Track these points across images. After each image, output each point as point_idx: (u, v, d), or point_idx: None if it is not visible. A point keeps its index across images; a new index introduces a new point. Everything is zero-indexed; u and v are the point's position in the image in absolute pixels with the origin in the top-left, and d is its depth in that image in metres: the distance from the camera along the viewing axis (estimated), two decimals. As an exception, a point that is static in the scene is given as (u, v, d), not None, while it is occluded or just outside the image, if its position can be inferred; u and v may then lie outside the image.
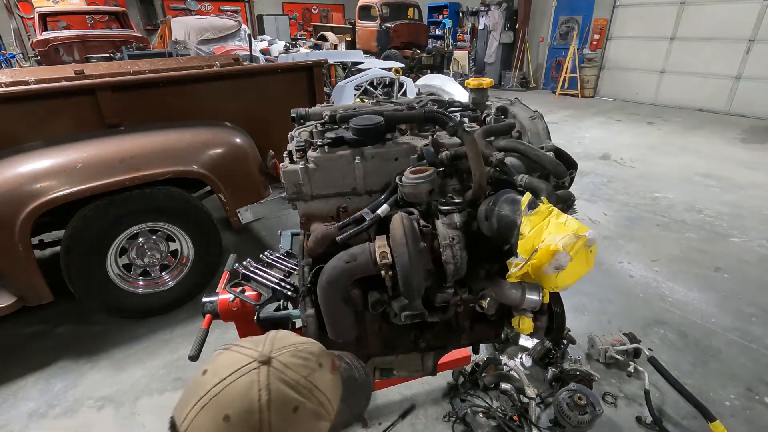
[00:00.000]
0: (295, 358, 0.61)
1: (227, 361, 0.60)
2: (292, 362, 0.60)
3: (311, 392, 0.60)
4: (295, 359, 0.61)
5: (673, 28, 9.15)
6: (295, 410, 0.57)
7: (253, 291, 1.49)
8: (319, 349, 0.67)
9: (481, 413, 1.99)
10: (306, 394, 0.59)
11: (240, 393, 0.56)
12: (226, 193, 2.69)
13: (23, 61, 9.51)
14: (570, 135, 7.08)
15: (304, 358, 0.62)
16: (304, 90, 3.25)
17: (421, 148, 1.21)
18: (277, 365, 0.59)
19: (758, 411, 2.10)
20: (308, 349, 0.65)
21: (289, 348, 0.63)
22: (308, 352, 0.64)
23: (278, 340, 0.64)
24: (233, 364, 0.58)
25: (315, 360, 0.63)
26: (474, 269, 1.12)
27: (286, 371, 0.59)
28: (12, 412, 2.14)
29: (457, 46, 12.84)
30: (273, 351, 0.61)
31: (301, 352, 0.63)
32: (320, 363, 0.64)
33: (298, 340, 0.66)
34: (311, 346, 0.66)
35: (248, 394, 0.56)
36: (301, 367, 0.61)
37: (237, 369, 0.57)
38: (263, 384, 0.56)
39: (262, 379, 0.57)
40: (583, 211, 4.18)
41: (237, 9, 15.12)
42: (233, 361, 0.59)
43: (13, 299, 2.29)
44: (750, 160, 5.70)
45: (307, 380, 0.60)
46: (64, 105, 2.48)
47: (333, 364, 0.68)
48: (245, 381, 0.56)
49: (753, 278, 3.14)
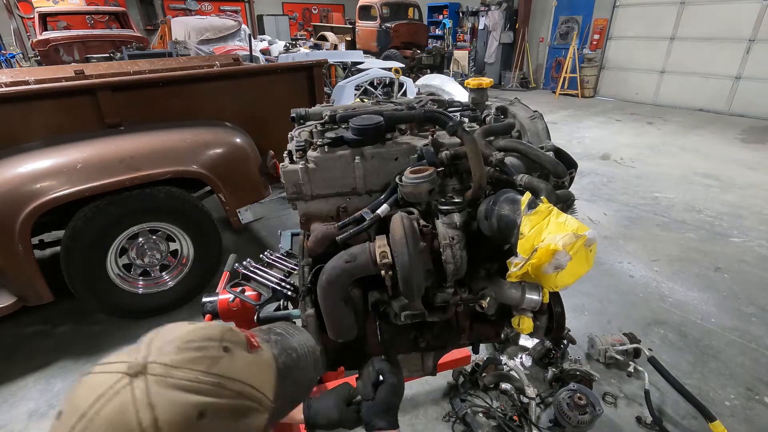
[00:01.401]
0: (185, 353, 0.47)
1: (86, 389, 0.44)
2: (180, 359, 0.46)
3: (220, 386, 0.46)
4: (184, 354, 0.47)
5: (673, 28, 9.15)
6: (201, 417, 0.44)
7: (253, 291, 1.49)
8: (221, 329, 0.53)
9: (481, 413, 1.99)
10: (212, 391, 0.46)
11: (111, 425, 0.40)
12: (226, 193, 2.69)
13: (23, 61, 9.51)
14: (570, 135, 7.08)
15: (197, 348, 0.48)
16: (304, 90, 3.25)
17: (421, 148, 1.21)
18: (158, 370, 0.44)
19: (758, 411, 2.10)
20: (203, 334, 0.50)
21: (172, 343, 0.48)
22: (203, 338, 0.50)
23: (159, 337, 0.50)
24: (94, 390, 0.42)
25: (216, 345, 0.50)
26: (474, 269, 1.12)
27: (172, 373, 0.44)
28: (12, 412, 2.15)
29: (457, 46, 12.85)
30: (150, 353, 0.46)
31: (191, 343, 0.49)
32: (225, 347, 0.50)
33: (188, 329, 0.51)
34: (207, 330, 0.52)
35: (123, 421, 0.40)
36: (194, 361, 0.47)
37: (100, 395, 0.42)
38: (141, 401, 0.41)
39: (138, 395, 0.42)
40: (583, 211, 4.18)
41: (237, 9, 15.13)
42: (94, 385, 0.43)
43: (13, 299, 2.29)
44: (750, 160, 5.70)
45: (210, 374, 0.46)
46: (64, 105, 2.48)
47: (250, 342, 0.55)
48: (114, 407, 0.41)
49: (753, 278, 3.14)
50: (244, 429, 0.48)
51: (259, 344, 0.57)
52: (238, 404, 0.48)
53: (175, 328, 0.52)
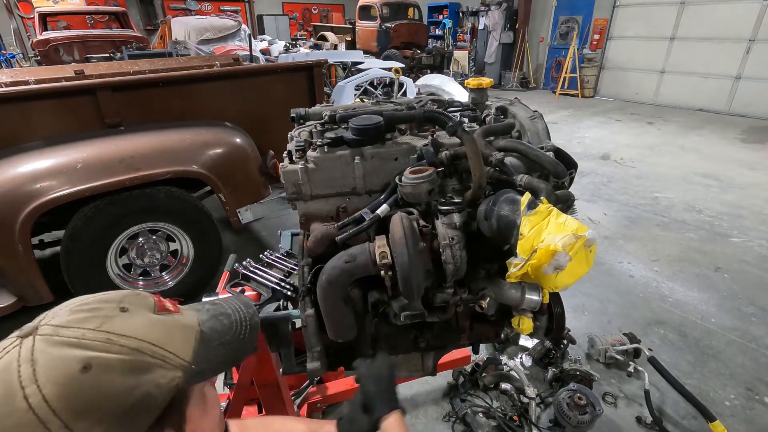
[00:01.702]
0: (76, 314, 0.49)
1: None
2: (70, 319, 0.48)
3: (109, 342, 0.47)
4: (75, 315, 0.48)
5: (673, 28, 9.15)
6: (85, 370, 0.44)
7: (253, 291, 1.49)
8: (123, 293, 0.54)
9: (481, 413, 1.99)
10: (99, 346, 0.46)
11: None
12: (226, 193, 2.69)
13: (23, 61, 9.51)
14: (570, 135, 7.08)
15: (90, 309, 0.49)
16: (304, 90, 3.25)
17: (420, 148, 1.21)
18: (46, 330, 0.46)
19: (758, 411, 2.10)
20: (101, 297, 0.52)
21: (66, 306, 0.50)
22: (99, 300, 0.51)
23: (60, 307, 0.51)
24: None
25: (113, 306, 0.51)
26: (474, 269, 1.12)
27: (59, 332, 0.46)
28: (12, 412, 2.14)
29: (457, 46, 12.85)
30: (44, 319, 0.48)
31: (86, 305, 0.50)
32: (123, 307, 0.51)
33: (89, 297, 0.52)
34: (107, 294, 0.53)
35: (5, 377, 0.43)
36: (84, 321, 0.48)
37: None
38: (24, 357, 0.44)
39: (23, 353, 0.44)
40: (583, 211, 4.18)
41: (237, 9, 15.12)
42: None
43: (13, 299, 2.29)
44: (750, 160, 5.70)
45: (99, 331, 0.47)
46: (64, 105, 2.48)
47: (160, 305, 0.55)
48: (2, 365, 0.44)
49: (753, 278, 3.14)
50: (142, 384, 0.48)
51: (178, 309, 0.58)
52: (131, 359, 0.48)
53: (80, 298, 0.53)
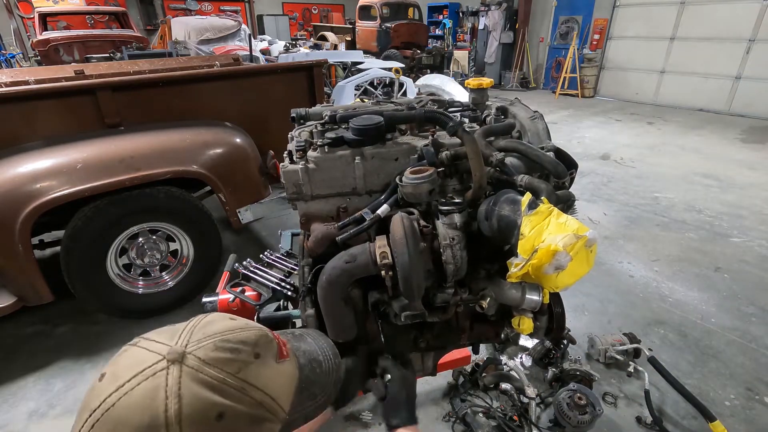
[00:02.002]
0: (219, 352, 0.49)
1: (130, 360, 0.48)
2: (214, 357, 0.48)
3: (243, 392, 0.48)
4: (219, 353, 0.49)
5: (673, 28, 9.15)
6: (220, 418, 0.46)
7: (253, 291, 1.50)
8: (258, 334, 0.55)
9: (481, 413, 1.99)
10: (235, 395, 0.48)
11: (141, 403, 0.44)
12: (226, 193, 2.69)
13: (23, 61, 9.51)
14: (570, 135, 7.08)
15: (231, 350, 0.50)
16: (304, 90, 3.25)
17: (421, 148, 1.21)
18: (193, 363, 0.47)
19: (758, 411, 2.10)
20: (240, 337, 0.53)
21: (211, 338, 0.50)
22: (239, 341, 0.52)
23: (200, 328, 0.52)
24: (136, 365, 0.47)
25: (249, 350, 0.52)
26: (474, 269, 1.12)
27: (204, 369, 0.47)
28: (12, 412, 2.15)
29: (457, 46, 12.85)
30: (190, 344, 0.49)
31: (228, 342, 0.51)
32: (257, 353, 0.52)
33: (229, 326, 0.54)
34: (245, 333, 0.54)
35: (152, 404, 0.44)
36: (226, 362, 0.49)
37: (140, 371, 0.46)
38: (172, 390, 0.45)
39: (171, 383, 0.45)
40: (583, 211, 4.18)
41: (237, 9, 15.12)
42: (137, 360, 0.47)
43: (13, 299, 2.29)
44: (750, 160, 5.70)
45: (237, 378, 0.49)
46: (64, 105, 2.48)
47: (281, 351, 0.57)
48: (148, 387, 0.45)
49: (753, 278, 3.14)
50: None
51: (289, 354, 0.59)
52: (255, 413, 0.50)
53: (216, 320, 0.55)
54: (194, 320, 0.54)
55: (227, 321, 0.55)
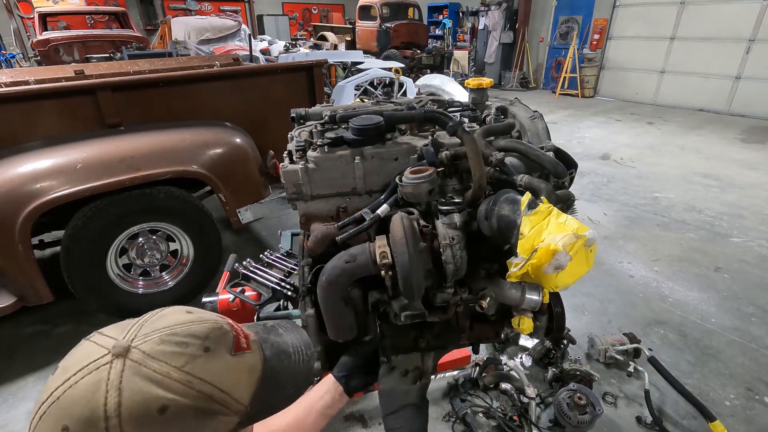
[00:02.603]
0: (165, 345, 0.49)
1: (80, 354, 0.49)
2: (159, 350, 0.49)
3: (189, 385, 0.48)
4: (165, 346, 0.49)
5: (673, 28, 9.15)
6: (162, 411, 0.46)
7: (253, 291, 1.50)
8: (210, 327, 0.54)
9: (481, 413, 1.99)
10: (179, 389, 0.47)
11: (83, 396, 0.45)
12: (226, 193, 2.69)
13: (23, 61, 9.51)
14: (570, 135, 7.08)
15: (178, 343, 0.50)
16: (304, 90, 3.25)
17: (421, 148, 1.21)
18: (137, 356, 0.47)
19: (758, 411, 2.10)
20: (190, 330, 0.52)
21: (159, 332, 0.51)
22: (188, 334, 0.52)
23: (151, 322, 0.53)
24: (84, 359, 0.48)
25: (198, 343, 0.51)
26: (474, 269, 1.12)
27: (147, 363, 0.47)
28: (12, 412, 2.15)
29: (457, 46, 12.85)
30: (137, 338, 0.50)
31: (175, 336, 0.51)
32: (207, 346, 0.52)
33: (180, 319, 0.54)
34: (195, 327, 0.53)
35: (92, 397, 0.45)
36: (171, 356, 0.49)
37: (86, 365, 0.47)
38: (113, 383, 0.45)
39: (113, 376, 0.46)
40: (583, 211, 4.18)
41: (237, 9, 15.12)
42: (86, 354, 0.48)
43: (13, 299, 2.29)
44: (750, 160, 5.70)
45: (182, 371, 0.48)
46: (64, 105, 2.48)
47: (238, 343, 0.56)
48: (91, 380, 0.46)
49: (753, 278, 3.14)
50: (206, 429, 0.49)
51: (250, 345, 0.58)
52: (203, 406, 0.49)
53: (169, 314, 0.55)
54: (148, 314, 0.55)
55: (180, 314, 0.55)
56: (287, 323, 0.72)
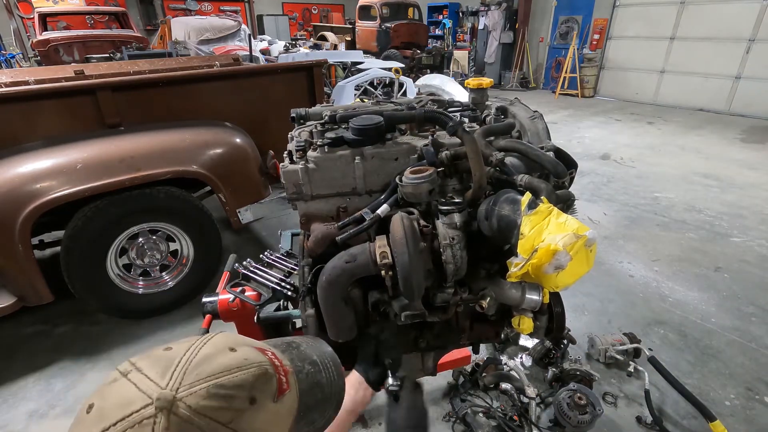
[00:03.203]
0: (211, 399, 0.46)
1: (119, 397, 0.45)
2: (205, 405, 0.45)
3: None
4: (211, 401, 0.46)
5: (673, 28, 9.15)
6: None
7: (253, 291, 1.49)
8: (256, 375, 0.51)
9: (481, 413, 1.99)
10: None
11: None
12: (226, 193, 2.69)
13: (23, 61, 9.50)
14: (570, 135, 7.08)
15: (225, 397, 0.47)
16: (304, 90, 3.25)
17: (421, 148, 1.21)
18: (183, 412, 0.44)
19: (758, 410, 2.10)
20: (236, 380, 0.49)
21: (205, 382, 0.47)
22: (234, 385, 0.48)
23: (194, 366, 0.48)
24: (124, 406, 0.44)
25: (245, 396, 0.48)
26: (474, 269, 1.12)
27: (193, 420, 0.44)
28: (12, 412, 2.15)
29: (457, 46, 12.84)
30: (181, 387, 0.45)
31: (222, 389, 0.47)
32: (253, 397, 0.49)
33: (225, 364, 0.49)
34: (241, 375, 0.49)
35: None
36: (218, 411, 0.46)
37: (127, 415, 0.43)
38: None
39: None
40: (583, 211, 4.18)
41: (237, 9, 15.12)
42: (125, 399, 0.45)
43: (13, 299, 2.29)
44: (750, 160, 5.70)
45: (228, 428, 0.46)
46: (64, 105, 2.48)
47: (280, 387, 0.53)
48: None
49: (753, 278, 3.14)
50: None
51: (289, 383, 0.56)
52: None
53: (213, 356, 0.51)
54: (191, 351, 0.50)
55: (225, 356, 0.51)
56: (319, 345, 0.68)
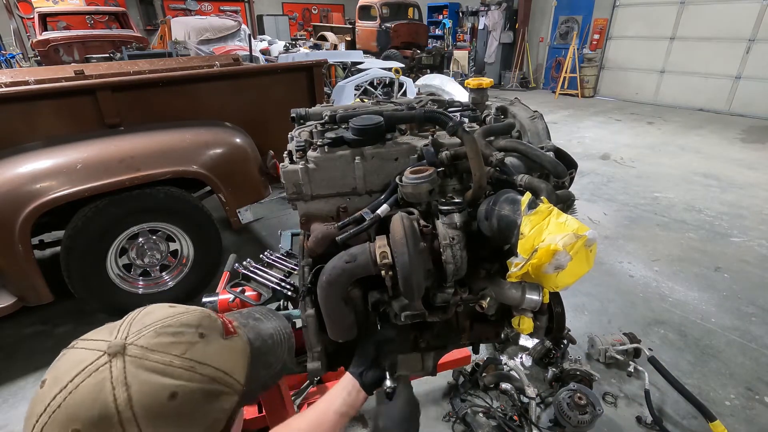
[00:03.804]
0: (161, 337, 0.50)
1: (69, 362, 0.48)
2: (157, 342, 0.50)
3: (192, 370, 0.50)
4: (161, 338, 0.50)
5: (673, 28, 9.15)
6: (173, 397, 0.47)
7: (253, 291, 1.49)
8: (200, 316, 0.56)
9: (481, 413, 1.99)
10: (184, 374, 0.49)
11: (88, 398, 0.45)
12: (226, 193, 2.69)
13: (23, 61, 9.50)
14: (570, 135, 7.08)
15: (173, 333, 0.52)
16: (304, 90, 3.25)
17: (421, 148, 1.21)
18: (135, 352, 0.48)
19: (758, 410, 2.10)
20: (181, 320, 0.54)
21: (151, 327, 0.51)
22: (181, 324, 0.53)
23: (138, 320, 0.53)
24: (76, 365, 0.47)
25: (193, 331, 0.53)
26: (474, 269, 1.12)
27: (148, 355, 0.48)
28: (12, 412, 2.15)
29: (457, 46, 12.84)
30: (130, 336, 0.50)
31: (169, 328, 0.52)
32: (201, 333, 0.54)
33: (168, 312, 0.55)
34: (186, 316, 0.55)
35: (99, 396, 0.45)
36: (170, 345, 0.50)
37: (81, 370, 0.46)
38: (118, 379, 0.46)
39: (116, 374, 0.46)
40: (583, 211, 4.18)
41: (237, 9, 15.11)
42: (76, 360, 0.48)
43: (13, 299, 2.29)
44: (750, 160, 5.70)
45: (183, 358, 0.50)
46: (64, 105, 2.48)
47: (227, 328, 0.58)
48: (92, 382, 0.45)
49: (753, 278, 3.14)
50: (214, 410, 0.51)
51: (236, 330, 0.61)
52: (209, 388, 0.51)
53: (154, 310, 0.56)
54: (132, 313, 0.55)
55: (166, 309, 0.56)
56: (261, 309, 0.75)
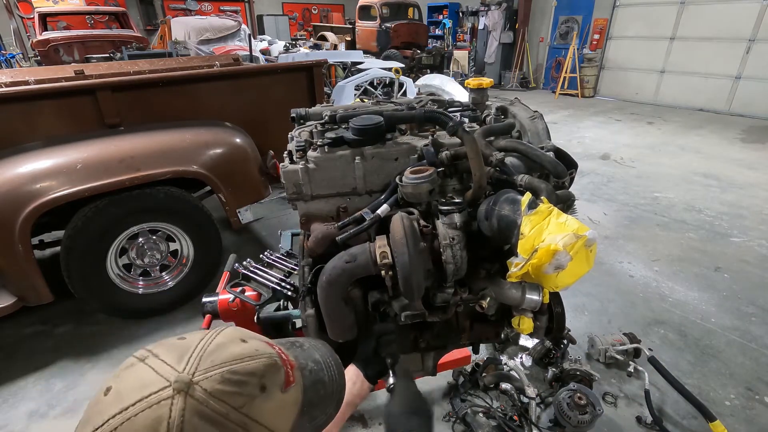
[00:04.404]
0: (225, 384, 0.49)
1: (136, 380, 0.48)
2: (220, 390, 0.48)
3: (245, 427, 0.48)
4: (225, 386, 0.49)
5: (673, 28, 9.15)
6: None
7: (253, 291, 1.50)
8: (266, 364, 0.54)
9: (481, 413, 1.99)
10: (235, 430, 0.48)
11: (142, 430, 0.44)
12: (226, 193, 2.69)
13: (23, 61, 9.49)
14: (570, 135, 7.08)
15: (237, 383, 0.50)
16: (304, 90, 3.25)
17: (421, 148, 1.21)
18: (199, 395, 0.47)
19: (758, 410, 2.10)
20: (248, 368, 0.52)
21: (219, 368, 0.50)
22: (247, 372, 0.51)
23: (209, 353, 0.51)
24: (141, 388, 0.46)
25: (256, 382, 0.51)
26: (474, 269, 1.12)
27: (208, 403, 0.47)
28: (12, 412, 2.14)
29: (457, 46, 12.84)
30: (198, 372, 0.48)
31: (235, 374, 0.50)
32: (263, 385, 0.52)
33: (238, 353, 0.53)
34: (253, 363, 0.53)
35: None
36: (232, 396, 0.49)
37: (145, 396, 0.45)
38: (175, 422, 0.45)
39: (174, 414, 0.45)
40: (583, 211, 4.18)
41: (237, 9, 15.09)
42: (143, 382, 0.47)
43: (13, 299, 2.29)
44: (750, 160, 5.70)
45: (240, 412, 0.48)
46: (64, 105, 2.48)
47: (287, 378, 0.56)
48: (152, 416, 0.45)
49: (753, 278, 3.14)
50: None
51: (295, 379, 0.58)
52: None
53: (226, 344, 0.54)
54: (205, 340, 0.53)
55: (238, 345, 0.54)
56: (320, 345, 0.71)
